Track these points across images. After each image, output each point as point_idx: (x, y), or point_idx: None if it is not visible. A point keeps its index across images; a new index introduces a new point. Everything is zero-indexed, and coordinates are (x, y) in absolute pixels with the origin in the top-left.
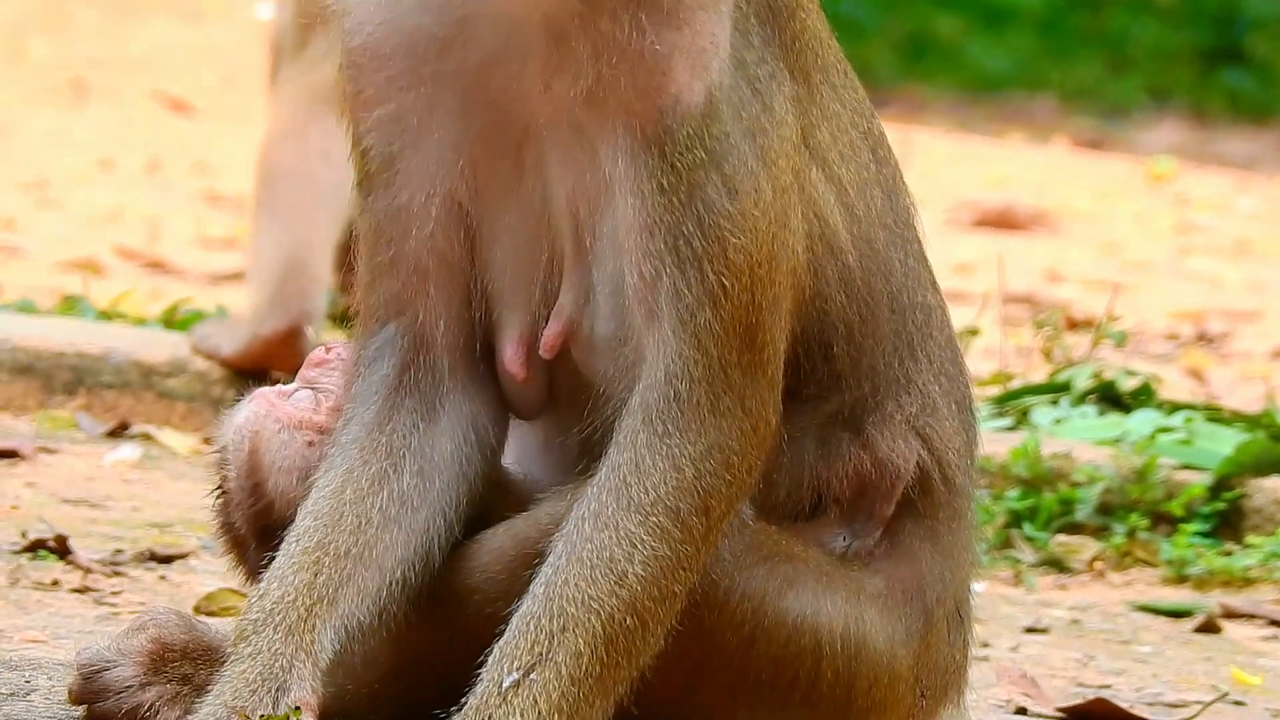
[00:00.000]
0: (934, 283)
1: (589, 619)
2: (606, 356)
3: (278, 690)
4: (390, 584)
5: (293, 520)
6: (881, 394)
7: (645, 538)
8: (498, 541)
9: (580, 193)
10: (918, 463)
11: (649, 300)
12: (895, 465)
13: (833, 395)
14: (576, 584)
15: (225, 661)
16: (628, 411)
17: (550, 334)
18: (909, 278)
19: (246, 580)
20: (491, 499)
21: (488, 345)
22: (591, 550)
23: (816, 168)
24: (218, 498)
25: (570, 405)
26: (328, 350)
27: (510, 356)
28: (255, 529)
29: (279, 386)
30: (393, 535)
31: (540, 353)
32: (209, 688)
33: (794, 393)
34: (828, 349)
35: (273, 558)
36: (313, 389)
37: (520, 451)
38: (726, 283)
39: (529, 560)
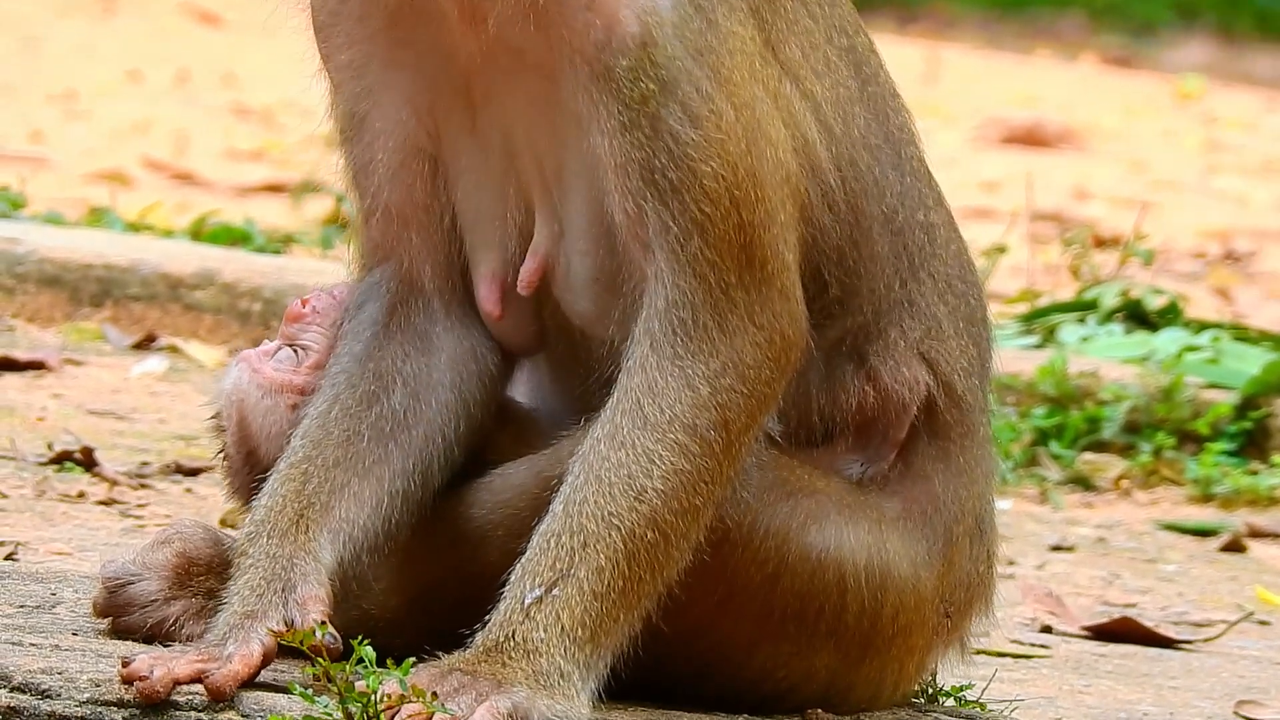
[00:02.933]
0: (939, 199)
1: (609, 534)
2: (586, 296)
3: (284, 589)
4: (391, 494)
5: None
6: (884, 319)
7: (663, 454)
8: (520, 478)
9: (538, 127)
10: (925, 388)
11: (640, 235)
12: (901, 396)
13: (833, 323)
14: (595, 501)
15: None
16: (634, 339)
17: (527, 270)
18: (906, 197)
19: None
20: (497, 429)
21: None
22: (609, 468)
23: (789, 83)
24: (222, 461)
25: (565, 346)
26: (303, 304)
27: (484, 295)
28: (257, 494)
29: (263, 345)
30: (386, 449)
31: (519, 290)
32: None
33: None
34: (819, 274)
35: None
36: (292, 346)
37: (532, 390)
38: (708, 210)
39: (546, 491)
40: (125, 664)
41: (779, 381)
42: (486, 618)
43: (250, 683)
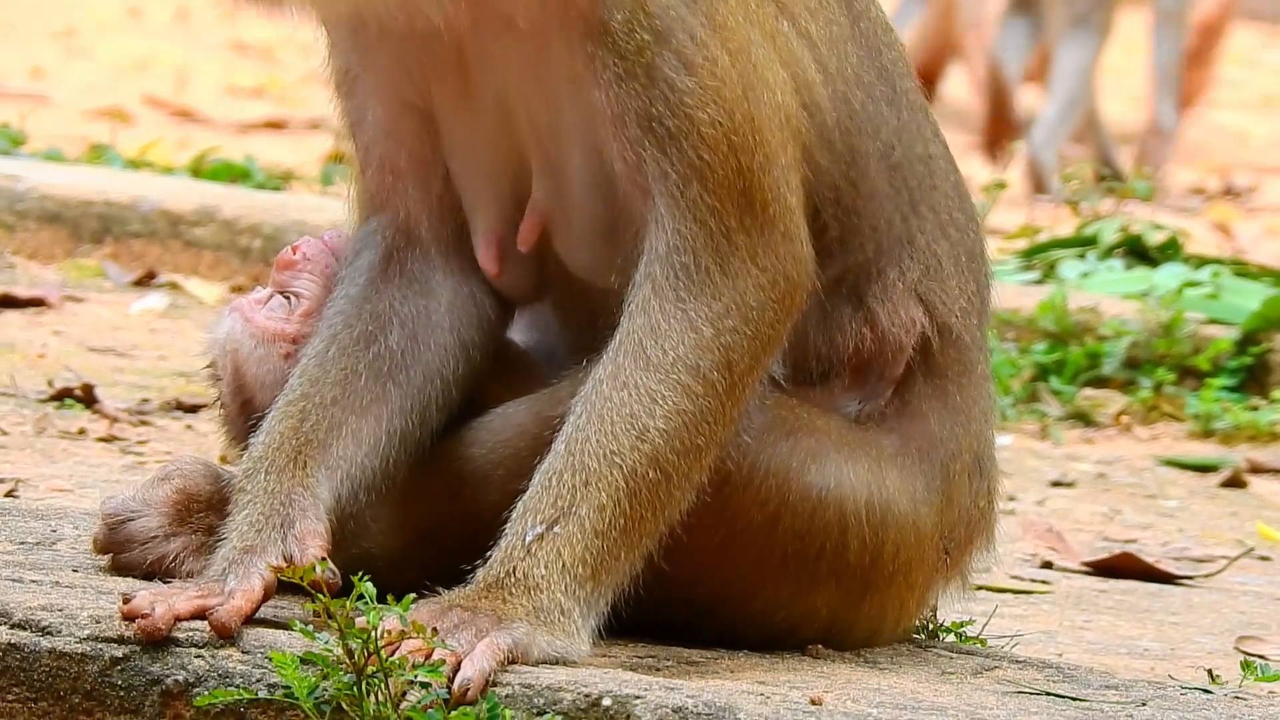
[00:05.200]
0: (936, 131)
1: (611, 473)
2: (586, 248)
3: (282, 524)
4: (389, 433)
5: None
6: (884, 259)
7: (666, 394)
8: (520, 417)
9: (532, 88)
10: (920, 330)
11: (639, 181)
12: (897, 338)
13: (833, 261)
14: (598, 439)
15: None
16: (636, 283)
17: (525, 228)
18: (903, 131)
19: None
20: (495, 374)
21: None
22: (611, 408)
23: (786, 21)
24: (220, 409)
25: (566, 295)
26: (294, 251)
27: (483, 253)
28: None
29: (255, 293)
30: (384, 388)
31: (519, 247)
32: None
33: None
34: (817, 215)
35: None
36: (284, 293)
37: (533, 333)
38: (706, 156)
39: (547, 431)
40: (126, 600)
41: (783, 323)
42: (488, 555)
43: (251, 617)
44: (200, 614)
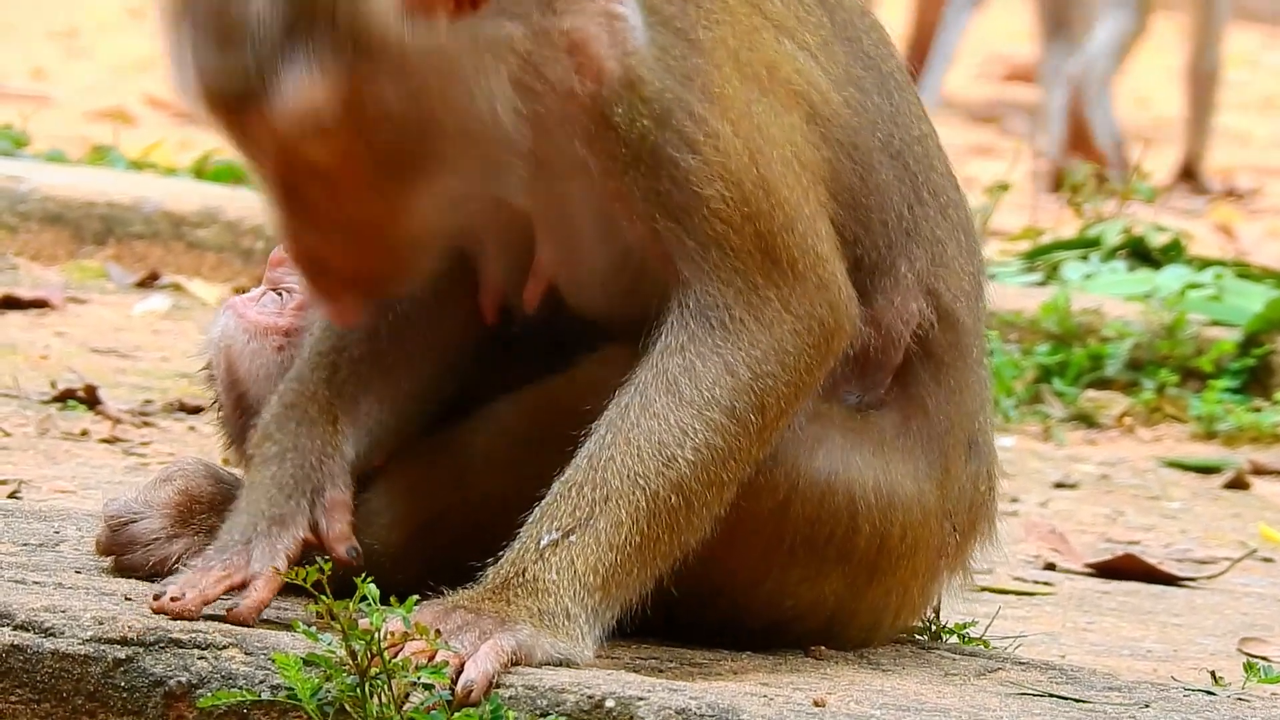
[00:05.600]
0: (923, 111)
1: (633, 492)
2: (599, 297)
3: (313, 491)
4: (410, 396)
5: None
6: (894, 252)
7: (699, 428)
8: (527, 396)
9: (536, 166)
10: (923, 319)
11: (657, 252)
12: (900, 331)
13: (847, 250)
14: (622, 460)
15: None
16: (670, 329)
17: (530, 290)
18: (897, 116)
19: None
20: (505, 369)
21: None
22: (640, 433)
23: (786, 39)
24: (216, 411)
25: (579, 326)
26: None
27: (484, 304)
28: (250, 439)
29: (249, 293)
30: (404, 350)
31: (525, 307)
32: (239, 498)
33: None
34: (833, 219)
35: None
36: (276, 290)
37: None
38: (720, 228)
39: (558, 418)
40: (156, 598)
41: (819, 369)
42: (493, 554)
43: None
44: (230, 591)
